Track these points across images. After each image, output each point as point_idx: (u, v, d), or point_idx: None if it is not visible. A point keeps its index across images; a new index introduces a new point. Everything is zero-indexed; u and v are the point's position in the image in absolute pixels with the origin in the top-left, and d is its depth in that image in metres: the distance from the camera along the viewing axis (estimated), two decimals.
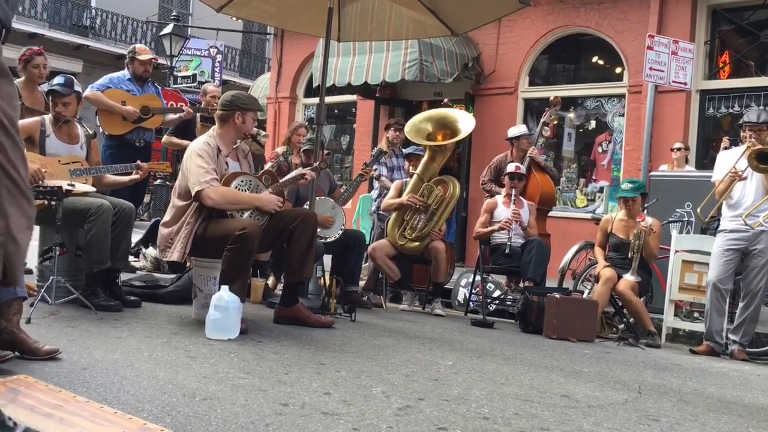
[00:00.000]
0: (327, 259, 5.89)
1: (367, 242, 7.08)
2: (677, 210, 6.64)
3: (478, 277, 6.34)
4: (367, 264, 6.77)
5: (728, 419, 3.17)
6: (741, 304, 5.34)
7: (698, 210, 5.09)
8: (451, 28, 6.03)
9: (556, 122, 10.18)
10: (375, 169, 7.27)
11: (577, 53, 10.42)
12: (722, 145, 7.63)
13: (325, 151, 5.98)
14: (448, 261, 6.30)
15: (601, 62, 10.16)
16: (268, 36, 20.18)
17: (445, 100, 9.31)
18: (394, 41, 9.14)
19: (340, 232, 5.65)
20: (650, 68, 7.41)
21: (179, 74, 15.80)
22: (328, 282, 5.38)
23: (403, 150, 7.33)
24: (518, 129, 7.55)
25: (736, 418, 3.22)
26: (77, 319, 3.94)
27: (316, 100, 10.90)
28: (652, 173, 7.50)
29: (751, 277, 5.27)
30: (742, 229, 5.25)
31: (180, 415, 2.40)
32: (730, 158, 5.45)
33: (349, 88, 10.83)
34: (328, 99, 11.04)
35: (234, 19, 7.37)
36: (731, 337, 5.34)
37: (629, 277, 5.65)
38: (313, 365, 3.39)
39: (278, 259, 5.27)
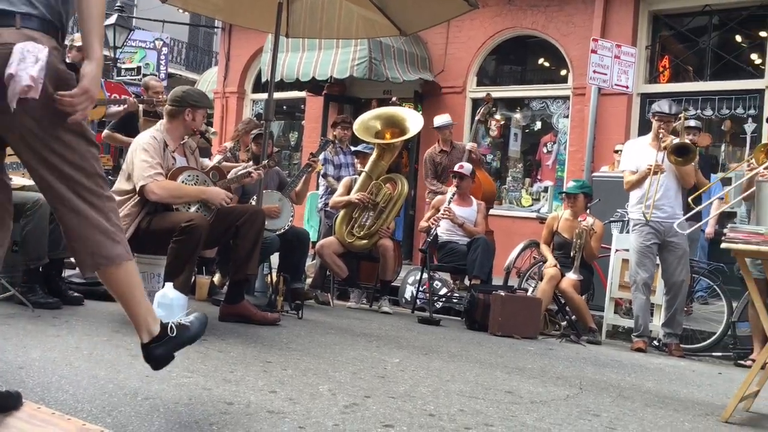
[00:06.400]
0: (274, 257, 5.84)
1: (315, 240, 7.06)
2: (618, 210, 6.81)
3: (425, 275, 6.39)
4: (314, 261, 6.75)
5: (665, 414, 3.27)
6: (666, 298, 5.52)
7: (675, 225, 5.11)
8: (400, 28, 6.05)
9: (502, 122, 10.32)
10: (322, 165, 7.25)
11: (523, 55, 10.59)
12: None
13: (275, 148, 5.91)
14: (395, 259, 6.33)
15: (546, 64, 10.35)
16: (215, 29, 19.87)
17: (394, 98, 9.35)
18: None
19: (289, 223, 5.60)
20: (594, 71, 7.57)
21: (123, 66, 15.43)
22: (274, 279, 5.33)
23: (352, 148, 7.34)
24: (442, 119, 7.72)
25: (672, 412, 3.32)
26: (13, 317, 3.81)
27: (264, 95, 10.82)
28: (595, 174, 7.68)
29: (671, 270, 5.45)
30: (656, 221, 5.41)
31: (121, 415, 2.35)
32: (638, 148, 5.62)
33: (297, 84, 10.76)
34: (277, 95, 10.91)
35: (180, 11, 7.24)
36: (665, 329, 5.51)
37: (571, 276, 5.78)
38: (259, 363, 3.36)
39: (224, 255, 5.20)
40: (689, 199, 4.71)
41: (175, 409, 2.47)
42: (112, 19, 14.71)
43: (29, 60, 1.94)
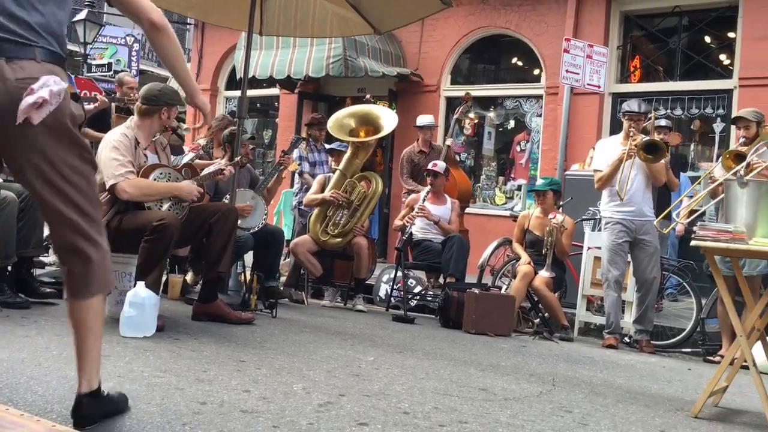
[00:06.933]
0: (247, 256, 5.80)
1: (289, 238, 7.03)
2: (590, 208, 6.88)
3: (399, 273, 6.40)
4: (288, 260, 6.72)
5: (636, 409, 3.31)
6: (638, 295, 5.59)
7: (655, 223, 5.16)
8: (374, 26, 6.05)
9: (476, 121, 10.37)
10: (299, 164, 7.22)
11: (497, 54, 10.64)
12: None
13: (250, 146, 5.86)
14: (370, 257, 6.33)
15: (520, 63, 10.41)
16: (188, 26, 19.67)
17: (368, 96, 9.34)
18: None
19: (263, 221, 5.57)
20: (566, 71, 7.64)
21: (94, 62, 15.19)
22: (248, 278, 5.30)
23: (326, 146, 7.32)
24: (426, 118, 7.74)
25: (643, 408, 3.37)
26: None
27: (238, 92, 10.71)
28: (567, 172, 7.75)
29: (642, 267, 5.53)
30: (628, 219, 5.48)
31: None
32: (609, 147, 5.70)
33: (271, 82, 10.71)
34: (251, 92, 10.83)
35: None
36: (637, 326, 5.59)
37: (544, 273, 5.83)
38: (233, 362, 3.34)
39: (197, 254, 5.15)
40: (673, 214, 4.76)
41: (146, 409, 2.45)
42: (82, 15, 14.48)
43: (52, 86, 2.01)
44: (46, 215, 2.19)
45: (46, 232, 5.17)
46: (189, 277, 5.69)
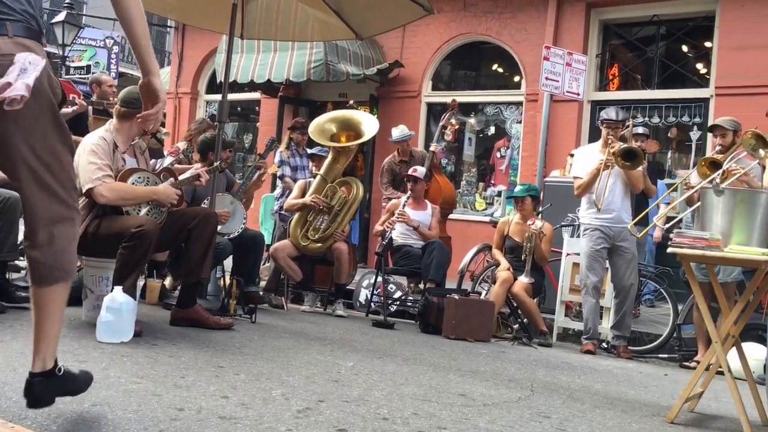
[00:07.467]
0: (227, 260, 5.77)
1: (269, 242, 7.00)
2: (569, 214, 6.93)
3: (379, 278, 6.40)
4: (268, 264, 6.69)
5: (613, 415, 3.34)
6: (615, 301, 5.65)
7: (629, 227, 5.18)
8: (355, 31, 6.06)
9: (457, 126, 10.41)
10: (279, 167, 7.21)
11: (478, 60, 10.70)
12: None
13: (229, 150, 5.84)
14: (350, 262, 6.32)
15: (500, 70, 10.48)
16: (168, 29, 19.55)
17: (350, 101, 9.34)
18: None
19: (242, 226, 5.54)
20: (546, 78, 7.69)
21: (72, 64, 15.04)
22: (227, 283, 5.27)
23: (308, 150, 7.31)
24: (399, 131, 7.67)
25: (620, 413, 3.40)
26: None
27: (218, 96, 10.66)
28: (546, 179, 7.80)
29: (620, 274, 5.59)
30: (606, 226, 5.54)
31: (67, 422, 2.29)
32: (587, 155, 5.76)
33: (252, 85, 10.67)
34: (232, 96, 10.78)
35: None
36: (614, 332, 5.64)
37: (523, 279, 5.86)
38: (211, 368, 3.32)
39: (176, 259, 5.11)
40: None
41: (123, 415, 2.42)
42: (61, 16, 14.35)
43: (30, 72, 1.95)
44: (22, 199, 2.17)
45: (20, 237, 5.11)
46: (167, 281, 5.64)
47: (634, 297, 5.80)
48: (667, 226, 6.91)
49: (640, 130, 7.07)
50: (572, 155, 8.04)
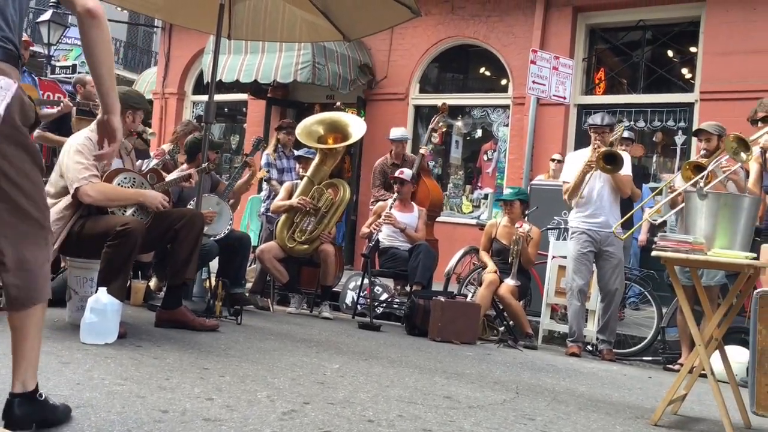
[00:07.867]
0: (213, 262, 5.75)
1: (256, 244, 6.98)
2: (555, 217, 6.97)
3: (365, 280, 6.40)
4: (254, 266, 6.67)
5: (597, 417, 3.36)
6: (601, 305, 5.68)
7: (614, 229, 5.21)
8: (343, 33, 6.06)
9: (444, 129, 10.43)
10: (267, 171, 7.18)
11: (465, 63, 10.73)
12: None
13: (216, 152, 5.81)
14: (337, 264, 6.32)
15: (488, 73, 10.51)
16: (155, 29, 19.46)
17: (338, 103, 9.33)
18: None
19: (229, 227, 5.52)
20: (533, 81, 7.73)
21: (58, 64, 14.97)
22: (213, 284, 5.25)
23: (295, 152, 7.30)
24: (399, 131, 7.68)
25: (604, 416, 3.41)
26: None
27: (205, 97, 10.63)
28: (533, 182, 7.83)
29: (606, 278, 5.63)
30: (594, 230, 5.59)
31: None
32: (577, 160, 5.81)
33: (239, 86, 10.64)
34: (219, 97, 10.78)
35: (118, 9, 7.06)
36: (600, 336, 5.67)
37: (509, 282, 5.88)
38: (196, 370, 3.30)
39: (161, 259, 5.09)
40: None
41: (107, 417, 2.41)
42: (47, 16, 14.26)
43: (1, 96, 1.93)
44: None
45: None
46: (152, 283, 5.61)
47: (620, 302, 5.83)
48: (660, 220, 6.96)
49: (626, 134, 7.12)
50: (554, 160, 8.11)
